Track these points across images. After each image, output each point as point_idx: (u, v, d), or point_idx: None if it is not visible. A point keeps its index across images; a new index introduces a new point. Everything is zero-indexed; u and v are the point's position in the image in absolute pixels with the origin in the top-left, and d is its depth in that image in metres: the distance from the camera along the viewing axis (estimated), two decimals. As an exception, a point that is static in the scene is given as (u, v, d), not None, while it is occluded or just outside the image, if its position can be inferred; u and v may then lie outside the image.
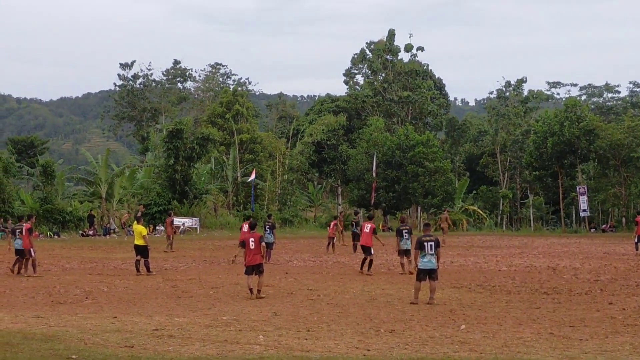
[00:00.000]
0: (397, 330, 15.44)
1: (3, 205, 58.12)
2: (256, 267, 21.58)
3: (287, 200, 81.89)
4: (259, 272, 21.52)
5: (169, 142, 67.91)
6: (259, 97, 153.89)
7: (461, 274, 28.28)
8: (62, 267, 31.91)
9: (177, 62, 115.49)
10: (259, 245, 21.64)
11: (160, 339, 14.26)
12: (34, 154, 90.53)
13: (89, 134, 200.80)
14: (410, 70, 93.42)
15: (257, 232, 22.44)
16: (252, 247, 21.56)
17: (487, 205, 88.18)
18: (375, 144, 77.09)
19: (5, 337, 14.14)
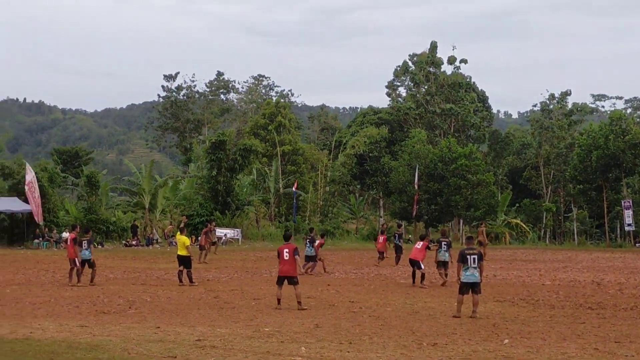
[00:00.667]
0: (439, 344, 15.36)
1: (48, 215, 58.69)
2: (290, 279, 21.66)
3: (329, 212, 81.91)
4: (293, 284, 21.59)
5: (211, 154, 68.24)
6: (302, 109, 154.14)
7: (504, 287, 28.08)
8: (106, 276, 32.15)
9: (220, 73, 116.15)
10: (292, 256, 21.68)
11: (202, 349, 14.30)
12: (78, 164, 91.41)
13: (133, 144, 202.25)
14: (453, 83, 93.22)
15: (292, 244, 22.47)
16: (286, 258, 21.65)
17: (530, 219, 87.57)
18: (418, 156, 76.88)
19: (51, 346, 14.27)
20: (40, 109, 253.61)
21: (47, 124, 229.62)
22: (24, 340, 15.16)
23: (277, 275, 21.89)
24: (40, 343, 14.71)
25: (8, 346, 14.20)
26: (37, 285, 27.68)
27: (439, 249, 29.19)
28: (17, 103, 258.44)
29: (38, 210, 55.45)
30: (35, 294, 24.78)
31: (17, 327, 17.04)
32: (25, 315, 19.51)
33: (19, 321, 18.20)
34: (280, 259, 21.73)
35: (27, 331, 16.46)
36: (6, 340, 15.01)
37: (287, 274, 21.65)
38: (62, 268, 36.15)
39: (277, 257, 21.93)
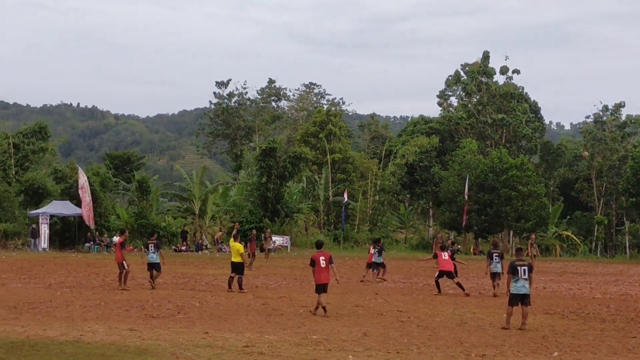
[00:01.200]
0: (487, 355, 15.26)
1: (99, 219, 59.31)
2: (324, 286, 21.82)
3: (378, 220, 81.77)
4: (324, 291, 21.78)
5: (262, 161, 68.48)
6: (352, 117, 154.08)
7: (554, 300, 27.82)
8: (156, 281, 32.37)
9: (271, 81, 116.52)
10: (328, 264, 21.81)
11: (250, 355, 14.35)
12: (130, 169, 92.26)
13: (184, 150, 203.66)
14: (505, 93, 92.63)
15: (327, 252, 22.55)
16: (322, 266, 21.78)
17: (581, 231, 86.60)
18: (468, 167, 76.53)
19: (100, 349, 14.41)
20: (94, 114, 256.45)
21: (100, 129, 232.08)
22: (74, 342, 15.32)
23: (316, 283, 21.88)
24: (90, 346, 14.85)
25: (58, 348, 14.35)
26: (88, 288, 27.96)
27: (491, 260, 29.15)
28: (71, 108, 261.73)
29: (90, 214, 56.05)
30: (86, 297, 25.03)
31: (67, 330, 17.22)
32: (76, 317, 19.71)
33: (69, 323, 18.39)
34: (317, 267, 21.82)
35: (77, 334, 16.63)
36: (57, 342, 15.18)
37: (325, 282, 21.85)
38: (113, 272, 36.47)
39: (311, 265, 21.95)
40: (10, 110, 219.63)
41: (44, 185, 62.90)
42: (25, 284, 29.42)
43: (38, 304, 22.49)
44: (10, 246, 57.68)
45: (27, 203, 63.84)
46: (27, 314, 20.24)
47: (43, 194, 62.55)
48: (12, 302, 22.93)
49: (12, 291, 26.43)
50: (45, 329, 17.36)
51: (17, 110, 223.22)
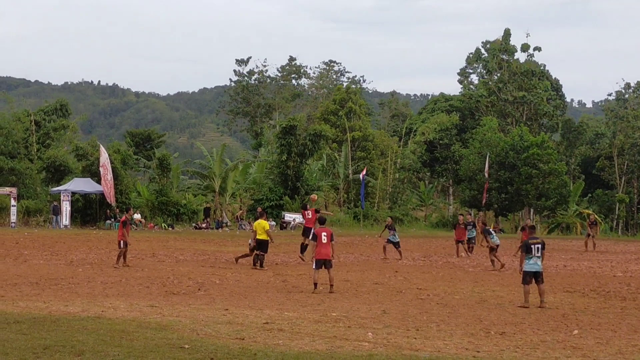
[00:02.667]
0: (507, 333, 15.26)
1: (120, 197, 59.51)
2: (326, 262, 21.79)
3: (398, 198, 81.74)
4: (329, 267, 21.77)
5: (282, 138, 68.48)
6: (372, 95, 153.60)
7: (574, 278, 27.74)
8: (176, 258, 32.55)
9: (292, 58, 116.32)
10: (330, 240, 21.84)
11: (270, 332, 14.40)
12: (150, 147, 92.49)
13: (204, 128, 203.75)
14: (526, 71, 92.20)
15: (329, 228, 22.63)
16: (324, 242, 21.79)
17: (602, 210, 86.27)
18: (489, 145, 76.28)
19: (121, 325, 14.50)
20: (114, 92, 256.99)
21: (121, 107, 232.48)
22: (96, 318, 15.42)
23: (315, 258, 21.89)
24: (111, 322, 14.95)
25: (80, 324, 14.46)
26: (109, 265, 28.10)
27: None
28: (92, 85, 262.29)
29: (110, 192, 56.26)
30: (107, 273, 25.18)
31: (89, 306, 17.35)
32: (97, 294, 19.84)
33: (91, 300, 18.52)
34: (318, 242, 21.86)
35: (98, 310, 16.74)
36: (78, 318, 15.29)
37: (325, 257, 21.80)
38: (133, 249, 36.67)
39: (312, 240, 22.03)
40: (31, 88, 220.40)
41: (65, 163, 63.15)
42: (47, 261, 29.62)
43: (60, 281, 22.65)
44: (32, 223, 58.04)
45: (49, 180, 64.14)
46: (49, 290, 20.39)
47: (64, 171, 62.81)
48: (34, 278, 23.11)
49: (34, 268, 26.62)
50: (67, 305, 17.48)
51: (38, 88, 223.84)
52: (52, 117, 75.21)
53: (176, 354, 11.63)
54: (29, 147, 70.04)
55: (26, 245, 36.92)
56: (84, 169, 61.07)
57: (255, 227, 29.63)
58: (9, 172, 63.70)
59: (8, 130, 66.58)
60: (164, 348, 12.09)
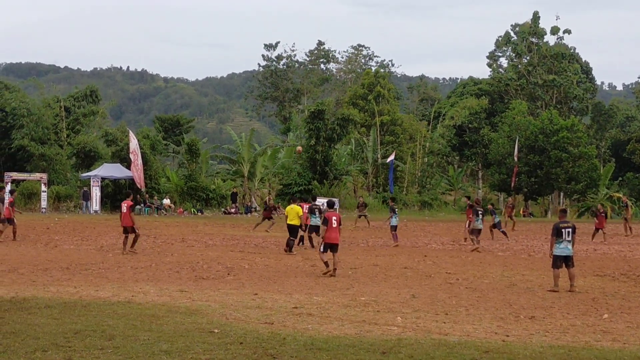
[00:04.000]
0: (537, 317, 15.21)
1: (150, 182, 59.75)
2: (334, 246, 21.82)
3: (427, 183, 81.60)
4: (334, 251, 21.78)
5: (310, 123, 68.44)
6: (401, 79, 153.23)
7: (605, 262, 27.60)
8: (205, 243, 32.67)
9: (320, 43, 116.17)
10: (338, 224, 21.93)
11: (299, 316, 14.43)
12: (179, 132, 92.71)
13: (233, 113, 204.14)
14: (556, 54, 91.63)
15: (338, 213, 22.79)
16: (334, 226, 21.83)
17: (633, 193, 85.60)
18: (518, 128, 75.90)
19: (151, 310, 14.58)
20: (143, 77, 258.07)
21: (150, 92, 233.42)
22: (126, 303, 15.51)
23: (325, 242, 21.87)
24: (141, 306, 15.03)
25: (110, 309, 14.56)
26: (139, 250, 28.24)
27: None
28: (121, 71, 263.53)
29: (140, 177, 56.48)
30: (137, 258, 25.31)
31: (119, 291, 17.45)
32: (127, 279, 19.95)
33: (121, 284, 18.63)
34: (329, 226, 21.87)
35: (128, 294, 16.83)
36: (109, 303, 15.39)
37: (334, 241, 21.85)
38: (163, 234, 36.90)
39: (323, 224, 22.02)
40: (61, 74, 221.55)
41: (95, 148, 63.43)
42: (78, 246, 29.81)
43: (90, 266, 22.79)
44: (62, 208, 58.43)
45: (79, 166, 64.46)
46: (79, 275, 20.52)
47: (94, 157, 63.09)
48: (64, 263, 23.26)
49: (64, 253, 26.80)
50: (97, 289, 17.60)
51: (67, 74, 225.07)
52: (82, 103, 75.58)
53: (206, 338, 11.69)
54: (58, 133, 70.44)
55: (57, 231, 37.19)
56: (113, 154, 61.31)
57: (287, 212, 29.59)
58: (40, 158, 64.16)
59: (38, 117, 67.00)
60: (193, 332, 12.16)
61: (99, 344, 11.07)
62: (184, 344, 11.12)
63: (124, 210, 27.30)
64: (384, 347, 11.25)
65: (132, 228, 27.06)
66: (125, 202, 27.59)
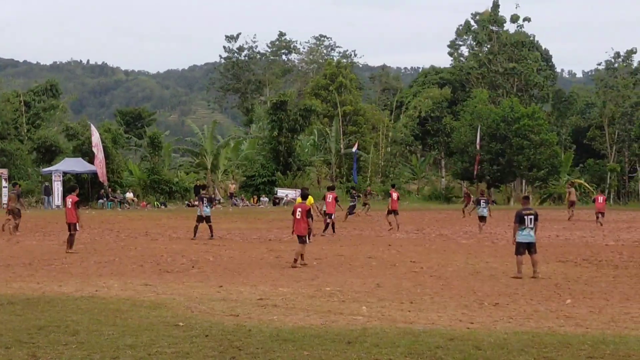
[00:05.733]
0: (501, 304, 15.31)
1: (112, 176, 59.39)
2: (299, 237, 22.04)
3: (390, 172, 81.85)
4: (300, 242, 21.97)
5: (272, 114, 68.40)
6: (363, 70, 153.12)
7: (567, 247, 27.84)
8: (169, 236, 32.57)
9: (282, 34, 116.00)
10: (304, 216, 22.01)
11: (264, 308, 14.42)
12: (141, 125, 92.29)
13: (195, 105, 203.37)
14: (516, 42, 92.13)
15: (307, 205, 23.03)
16: (298, 217, 22.08)
17: (593, 179, 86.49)
18: (480, 117, 76.31)
19: (115, 304, 14.50)
20: (104, 71, 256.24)
21: (110, 85, 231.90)
22: (90, 298, 15.42)
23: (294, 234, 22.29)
24: (105, 301, 14.95)
25: (74, 304, 14.46)
26: (102, 244, 28.10)
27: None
28: (81, 65, 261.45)
29: (102, 171, 56.14)
30: (100, 253, 25.17)
31: (82, 285, 17.34)
32: (91, 274, 19.83)
33: (84, 279, 18.52)
34: (294, 218, 22.16)
35: (92, 289, 16.74)
36: (72, 298, 15.29)
37: (298, 233, 22.07)
38: (126, 228, 36.75)
39: (292, 215, 22.19)
40: (20, 69, 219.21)
41: (56, 143, 62.96)
42: (40, 242, 29.61)
43: (53, 261, 22.64)
44: (24, 204, 57.88)
45: (40, 161, 63.97)
46: (42, 271, 20.37)
47: (55, 152, 62.63)
48: (27, 259, 23.09)
49: (27, 248, 26.60)
50: (60, 285, 17.48)
51: (27, 68, 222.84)
52: (42, 97, 74.85)
53: (171, 331, 11.64)
54: (18, 128, 69.73)
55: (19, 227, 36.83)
56: (74, 148, 60.87)
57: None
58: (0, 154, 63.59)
59: (-3, 112, 66.31)
60: (158, 326, 12.11)
61: (62, 339, 10.99)
62: (149, 338, 11.07)
63: (68, 206, 26.02)
64: (349, 336, 11.26)
65: (75, 225, 25.60)
66: (70, 197, 26.19)
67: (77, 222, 25.55)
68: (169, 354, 10.12)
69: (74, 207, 25.67)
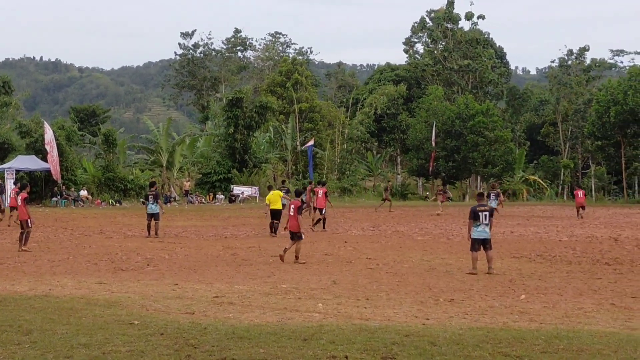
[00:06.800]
0: (456, 300, 15.39)
1: (66, 174, 58.85)
2: (291, 234, 22.52)
3: (346, 169, 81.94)
4: (293, 239, 22.33)
5: (228, 111, 68.22)
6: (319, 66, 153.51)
7: (521, 244, 28.06)
8: (124, 234, 32.35)
9: (237, 30, 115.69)
10: (296, 213, 22.32)
11: (220, 306, 14.37)
12: (96, 122, 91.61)
13: (150, 102, 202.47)
14: (471, 39, 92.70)
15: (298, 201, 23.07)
16: (291, 214, 22.53)
17: (547, 175, 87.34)
18: (435, 113, 76.69)
19: (69, 303, 14.37)
20: (57, 68, 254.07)
21: (64, 82, 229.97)
22: (43, 297, 15.27)
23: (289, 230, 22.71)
24: (59, 300, 14.82)
25: (27, 303, 14.31)
26: (56, 243, 27.84)
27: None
28: (34, 62, 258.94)
29: (56, 169, 55.61)
30: (54, 251, 24.94)
31: (36, 284, 17.17)
32: (44, 272, 19.64)
33: (38, 278, 18.33)
34: (288, 214, 22.79)
35: (46, 288, 16.58)
36: (25, 297, 15.13)
37: (290, 229, 22.46)
38: (81, 226, 36.44)
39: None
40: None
41: (8, 140, 62.22)
42: (-7, 240, 29.27)
43: (6, 260, 22.39)
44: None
45: (-8, 158, 63.24)
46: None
47: (8, 149, 61.88)
48: (-21, 258, 22.82)
49: (-21, 247, 26.28)
50: (13, 284, 17.30)
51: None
52: (-6, 94, 73.94)
53: (125, 330, 11.55)
54: (-30, 125, 68.91)
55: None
56: (27, 146, 60.20)
57: (269, 199, 31.37)
58: (-50, 152, 62.75)
59: (-52, 109, 65.45)
60: (113, 325, 12.01)
61: (15, 339, 10.86)
62: (103, 337, 10.98)
63: (18, 203, 25.99)
64: (305, 334, 11.26)
65: (27, 222, 25.25)
66: (21, 194, 25.88)
67: (29, 219, 25.25)
68: (124, 352, 10.05)
69: (23, 204, 25.49)
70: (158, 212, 30.71)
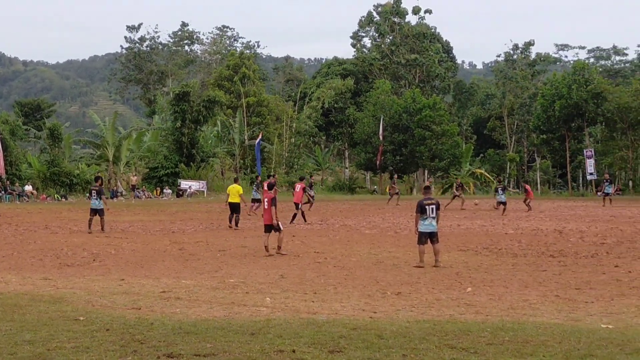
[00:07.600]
0: (403, 293, 15.45)
1: (10, 168, 58.18)
2: (266, 227, 22.68)
3: (294, 163, 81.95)
4: (272, 231, 22.58)
5: (175, 105, 67.85)
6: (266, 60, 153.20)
7: (468, 237, 28.27)
8: (70, 229, 32.03)
9: (184, 24, 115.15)
10: (270, 205, 22.51)
11: (167, 301, 14.29)
12: (40, 117, 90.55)
13: (96, 96, 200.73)
14: (418, 33, 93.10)
15: (271, 194, 22.92)
16: (265, 207, 22.80)
17: (494, 169, 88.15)
18: (382, 107, 76.96)
19: (14, 299, 14.20)
20: (1, 61, 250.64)
21: (8, 76, 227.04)
22: (-13, 293, 15.08)
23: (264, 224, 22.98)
24: (3, 296, 14.63)
25: (-29, 299, 14.12)
26: (0, 238, 27.48)
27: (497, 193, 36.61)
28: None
29: (0, 164, 54.91)
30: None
31: (-21, 281, 16.95)
32: (-12, 268, 19.39)
33: (-19, 275, 18.09)
34: (263, 207, 23.37)
35: (-10, 284, 16.38)
36: (-31, 294, 14.93)
37: (265, 222, 22.67)
38: (25, 221, 36.02)
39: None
40: None
41: (-49, 135, 61.37)
42: None
43: (-51, 256, 22.07)
44: None
45: None
46: (-63, 267, 19.84)
47: (-49, 144, 61.04)
48: None
49: None
50: (-44, 281, 17.07)
51: None
52: (-64, 88, 72.83)
53: (70, 326, 11.43)
54: None
55: None
56: (-30, 141, 59.43)
57: (229, 190, 32.40)
58: None
59: None
60: (58, 321, 11.88)
61: (-42, 336, 10.71)
62: (48, 333, 10.86)
63: None
64: (253, 328, 11.24)
65: None
66: None
67: None
68: (69, 348, 9.94)
69: None
70: (102, 208, 30.45)
